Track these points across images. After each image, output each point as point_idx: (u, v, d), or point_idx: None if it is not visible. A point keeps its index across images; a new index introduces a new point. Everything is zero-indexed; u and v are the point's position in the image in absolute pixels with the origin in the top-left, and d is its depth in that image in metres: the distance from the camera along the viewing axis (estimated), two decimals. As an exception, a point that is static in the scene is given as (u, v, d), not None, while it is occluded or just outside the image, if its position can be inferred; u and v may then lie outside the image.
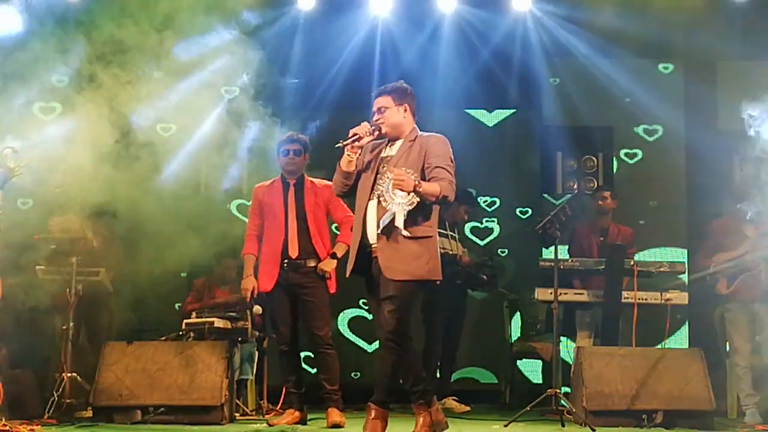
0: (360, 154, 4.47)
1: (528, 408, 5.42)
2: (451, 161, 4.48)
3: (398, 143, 4.51)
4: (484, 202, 8.47)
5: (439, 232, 6.78)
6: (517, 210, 8.46)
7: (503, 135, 8.58)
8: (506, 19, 7.89)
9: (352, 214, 4.86)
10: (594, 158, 8.29)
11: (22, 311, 5.76)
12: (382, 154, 4.50)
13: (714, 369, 5.76)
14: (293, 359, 5.57)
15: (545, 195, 8.03)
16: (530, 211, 8.39)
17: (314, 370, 6.30)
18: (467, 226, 7.99)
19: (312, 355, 6.18)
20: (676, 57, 8.41)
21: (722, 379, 6.27)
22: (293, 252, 5.46)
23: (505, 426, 5.30)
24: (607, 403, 5.39)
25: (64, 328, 5.80)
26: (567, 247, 6.73)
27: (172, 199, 6.31)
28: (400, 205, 4.29)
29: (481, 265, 6.97)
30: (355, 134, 4.39)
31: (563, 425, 5.30)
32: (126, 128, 6.25)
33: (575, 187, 8.17)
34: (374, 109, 4.55)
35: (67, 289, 5.80)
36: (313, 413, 5.68)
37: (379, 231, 4.33)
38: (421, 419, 4.40)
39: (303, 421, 5.50)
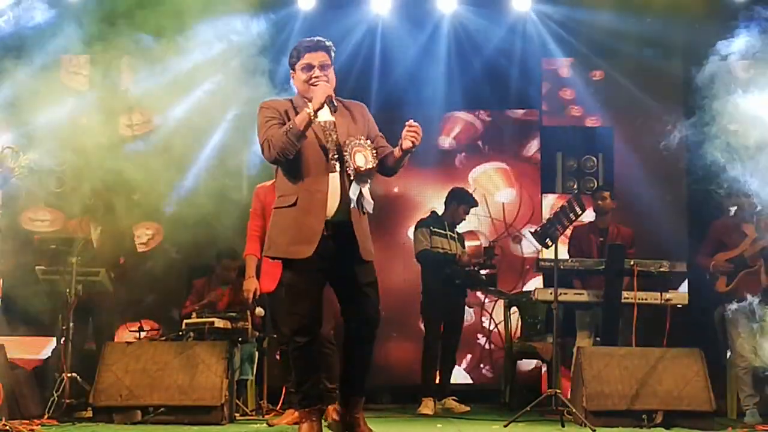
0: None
1: (528, 408, 5.42)
2: None
3: (325, 108, 4.07)
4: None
5: (439, 232, 6.87)
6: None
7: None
8: (506, 19, 7.89)
9: None
10: (594, 158, 8.32)
11: (23, 311, 5.76)
12: (319, 120, 4.06)
13: (714, 369, 5.76)
14: None
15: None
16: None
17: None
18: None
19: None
20: (675, 56, 8.40)
21: (722, 379, 6.27)
22: None
23: (505, 426, 5.29)
24: (607, 403, 5.39)
25: (64, 328, 5.81)
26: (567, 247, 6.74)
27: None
28: (362, 176, 4.01)
29: (481, 265, 6.96)
30: (329, 95, 4.01)
31: (563, 425, 5.30)
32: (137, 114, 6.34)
33: (575, 187, 8.19)
34: (315, 63, 4.12)
35: (67, 289, 5.80)
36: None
37: (353, 206, 4.01)
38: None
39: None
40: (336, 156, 4.06)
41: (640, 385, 5.43)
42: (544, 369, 7.64)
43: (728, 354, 6.32)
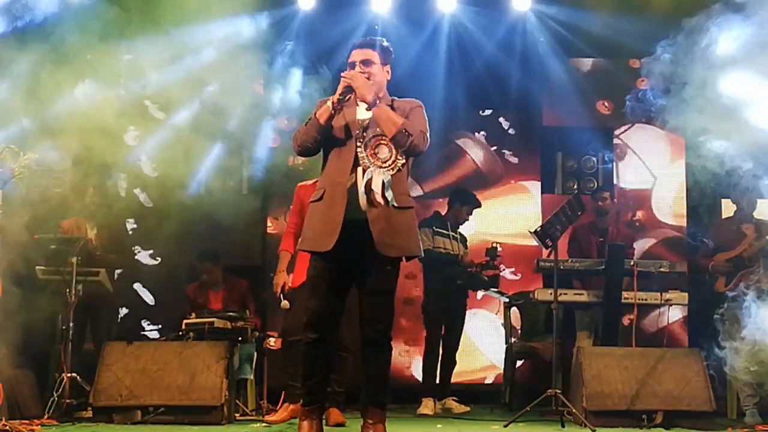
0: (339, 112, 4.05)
1: (528, 408, 5.42)
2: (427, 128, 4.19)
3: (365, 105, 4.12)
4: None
5: (441, 232, 6.86)
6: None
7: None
8: (506, 19, 7.89)
9: None
10: (594, 158, 8.31)
11: (22, 311, 5.76)
12: (358, 117, 4.10)
13: (714, 369, 5.76)
14: None
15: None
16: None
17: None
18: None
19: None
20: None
21: (722, 379, 6.27)
22: None
23: (505, 426, 5.29)
24: (607, 403, 5.40)
25: (63, 328, 5.81)
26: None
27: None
28: (380, 168, 4.00)
29: (483, 266, 6.96)
30: (348, 86, 4.01)
31: (563, 425, 5.30)
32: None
33: (575, 187, 8.19)
34: (357, 59, 4.17)
35: (67, 289, 5.80)
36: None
37: (368, 200, 3.97)
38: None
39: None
40: (363, 151, 4.05)
41: (640, 385, 5.44)
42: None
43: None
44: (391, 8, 7.73)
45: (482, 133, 8.46)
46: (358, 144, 4.05)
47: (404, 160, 4.07)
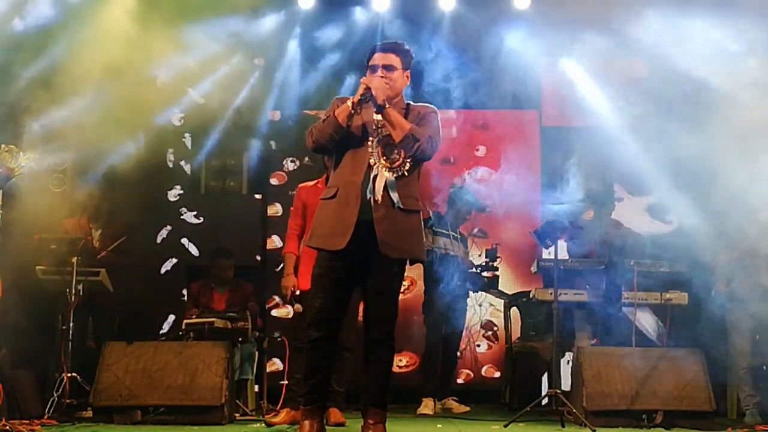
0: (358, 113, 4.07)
1: (528, 408, 5.42)
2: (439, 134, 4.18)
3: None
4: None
5: (441, 233, 6.85)
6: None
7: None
8: (506, 18, 7.88)
9: None
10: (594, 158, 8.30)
11: (22, 311, 5.77)
12: (374, 117, 4.10)
13: (714, 369, 5.76)
14: None
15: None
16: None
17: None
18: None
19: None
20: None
21: (722, 379, 6.27)
22: None
23: (505, 426, 5.29)
24: (607, 403, 5.40)
25: (63, 328, 5.81)
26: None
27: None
28: (387, 169, 4.03)
29: (483, 266, 6.95)
30: (367, 88, 4.01)
31: (563, 425, 5.30)
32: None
33: (575, 187, 8.17)
34: (379, 63, 4.17)
35: (67, 289, 5.80)
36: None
37: (375, 199, 4.00)
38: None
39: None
40: (374, 150, 4.08)
41: (640, 385, 5.43)
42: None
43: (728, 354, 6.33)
44: (391, 7, 7.72)
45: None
46: (371, 143, 4.09)
47: (412, 164, 4.08)
